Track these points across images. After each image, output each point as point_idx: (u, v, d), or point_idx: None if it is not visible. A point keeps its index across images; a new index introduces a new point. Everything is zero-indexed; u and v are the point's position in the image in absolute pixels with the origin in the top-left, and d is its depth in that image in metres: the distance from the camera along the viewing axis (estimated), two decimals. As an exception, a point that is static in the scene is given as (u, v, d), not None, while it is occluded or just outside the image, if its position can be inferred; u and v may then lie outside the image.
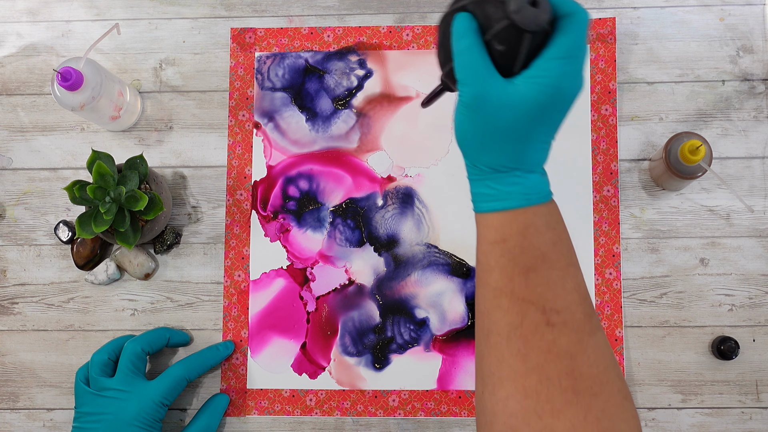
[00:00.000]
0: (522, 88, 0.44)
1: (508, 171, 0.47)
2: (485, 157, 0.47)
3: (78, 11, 0.81)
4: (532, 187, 0.47)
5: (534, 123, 0.45)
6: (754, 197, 0.74)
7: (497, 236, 0.47)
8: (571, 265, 0.47)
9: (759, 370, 0.72)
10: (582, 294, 0.46)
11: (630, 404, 0.45)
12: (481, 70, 0.44)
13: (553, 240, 0.47)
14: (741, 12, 0.77)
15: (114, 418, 0.67)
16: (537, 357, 0.44)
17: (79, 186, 0.69)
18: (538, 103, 0.44)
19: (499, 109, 0.44)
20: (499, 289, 0.46)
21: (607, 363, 0.45)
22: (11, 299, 0.78)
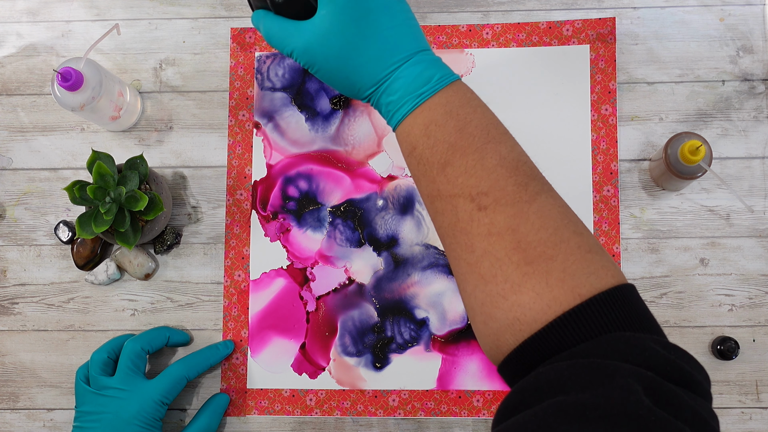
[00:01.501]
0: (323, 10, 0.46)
1: (386, 79, 0.47)
2: (359, 84, 0.48)
3: (78, 11, 0.81)
4: (416, 81, 0.47)
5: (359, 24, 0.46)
6: (754, 197, 0.74)
7: (408, 146, 0.48)
8: (489, 141, 0.46)
9: (759, 370, 0.72)
10: (510, 166, 0.45)
11: (596, 255, 0.43)
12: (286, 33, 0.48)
13: (458, 126, 0.46)
14: (741, 12, 0.77)
15: (114, 416, 0.67)
16: (481, 243, 0.44)
17: (79, 186, 0.69)
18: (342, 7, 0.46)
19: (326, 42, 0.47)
20: (430, 195, 0.47)
21: (557, 224, 0.44)
22: (11, 299, 0.78)
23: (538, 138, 0.76)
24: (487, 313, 0.44)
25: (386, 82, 0.48)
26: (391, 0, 0.47)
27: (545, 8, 0.78)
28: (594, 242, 0.44)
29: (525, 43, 0.77)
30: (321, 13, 0.47)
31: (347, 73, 0.48)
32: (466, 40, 0.78)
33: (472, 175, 0.45)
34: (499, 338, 0.43)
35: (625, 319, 0.41)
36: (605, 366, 0.37)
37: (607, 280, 0.42)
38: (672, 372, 0.38)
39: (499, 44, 0.77)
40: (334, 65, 0.48)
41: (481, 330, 0.45)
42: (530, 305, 0.42)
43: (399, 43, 0.47)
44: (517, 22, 0.78)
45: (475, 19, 0.78)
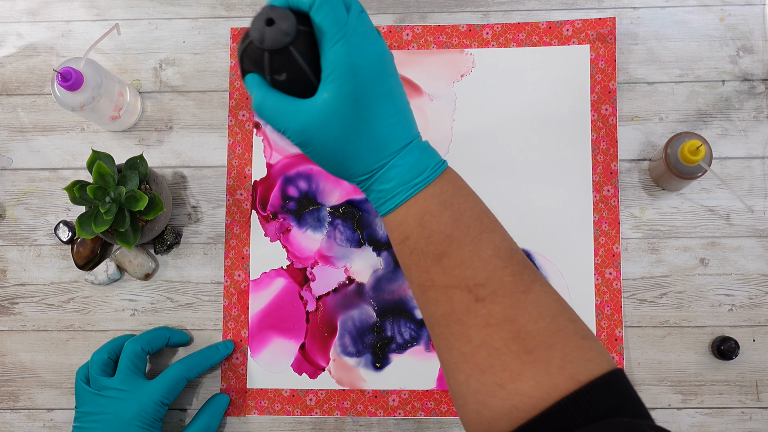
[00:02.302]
0: (326, 93, 0.44)
1: (381, 168, 0.46)
2: (352, 170, 0.47)
3: (78, 11, 0.81)
4: (411, 170, 0.46)
5: (361, 112, 0.45)
6: (754, 197, 0.74)
7: (400, 236, 0.47)
8: (484, 231, 0.46)
9: (759, 370, 0.72)
10: (504, 255, 0.45)
11: (591, 342, 0.44)
12: (283, 110, 0.45)
13: (454, 217, 0.46)
14: (741, 12, 0.77)
15: (114, 417, 0.67)
16: (478, 334, 0.44)
17: (79, 186, 0.69)
18: (347, 94, 0.44)
19: (325, 126, 0.44)
20: (422, 285, 0.46)
21: (553, 312, 0.44)
22: (11, 299, 0.78)
23: (538, 138, 0.76)
24: (481, 402, 0.44)
25: (381, 171, 0.47)
26: (394, 87, 0.46)
27: (545, 8, 0.78)
28: (586, 328, 0.45)
29: (525, 43, 0.77)
30: (324, 97, 0.44)
31: (342, 158, 0.46)
32: (466, 40, 0.78)
33: (468, 266, 0.45)
34: (492, 426, 0.43)
35: (620, 404, 0.42)
36: None
37: (603, 365, 0.43)
38: None
39: (499, 44, 0.77)
40: (330, 150, 0.46)
41: (471, 418, 0.45)
42: (530, 393, 0.42)
43: (397, 132, 0.46)
44: (517, 22, 0.78)
45: (475, 19, 0.78)
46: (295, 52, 0.44)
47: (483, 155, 0.76)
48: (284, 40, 0.43)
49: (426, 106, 0.77)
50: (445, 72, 0.77)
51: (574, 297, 0.73)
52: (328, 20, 0.43)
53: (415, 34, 0.78)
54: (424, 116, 0.77)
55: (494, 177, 0.76)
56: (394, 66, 0.47)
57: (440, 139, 0.77)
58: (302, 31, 0.44)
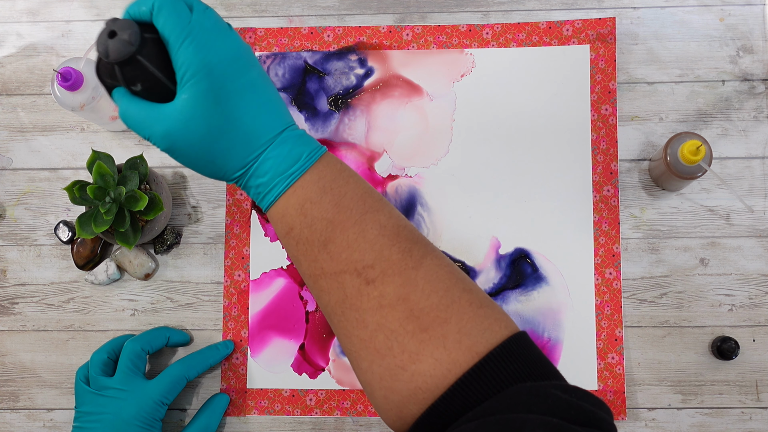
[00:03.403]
0: (184, 94, 0.44)
1: (253, 161, 0.46)
2: (224, 168, 0.46)
3: (78, 11, 0.81)
4: (285, 160, 0.46)
5: (223, 107, 0.44)
6: (754, 197, 0.74)
7: (284, 227, 0.46)
8: (367, 212, 0.45)
9: (759, 370, 0.72)
10: (390, 234, 0.45)
11: (487, 310, 0.43)
12: (145, 117, 0.45)
13: (334, 201, 0.45)
14: (741, 12, 0.77)
15: (114, 417, 0.67)
16: (373, 317, 0.43)
17: (79, 186, 0.69)
18: (204, 91, 0.43)
19: (188, 127, 0.44)
20: (313, 275, 0.46)
21: (446, 285, 0.43)
22: (11, 299, 0.78)
23: (538, 138, 0.76)
24: (387, 387, 0.43)
25: (254, 164, 0.46)
26: (255, 78, 0.46)
27: (545, 8, 0.78)
28: (483, 296, 0.44)
29: (525, 43, 0.77)
30: (182, 98, 0.44)
31: (212, 158, 0.46)
32: (466, 40, 0.78)
33: (355, 249, 0.44)
34: (401, 410, 0.43)
35: (523, 369, 0.41)
36: (513, 420, 0.37)
37: (500, 332, 0.42)
38: (576, 415, 0.38)
39: (499, 44, 0.77)
40: (197, 151, 0.45)
41: (381, 404, 0.44)
42: (431, 372, 0.41)
43: (265, 123, 0.46)
44: (517, 22, 0.78)
45: (475, 19, 0.78)
46: (144, 60, 0.44)
47: (483, 155, 0.76)
48: (128, 50, 0.43)
49: (426, 106, 0.77)
50: (445, 72, 0.77)
51: (574, 297, 0.73)
52: (170, 22, 0.43)
53: (415, 34, 0.78)
54: (424, 116, 0.77)
55: (494, 177, 0.76)
56: (253, 57, 0.46)
57: (440, 139, 0.77)
58: (148, 38, 0.44)
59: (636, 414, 0.72)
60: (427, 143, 0.77)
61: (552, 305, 0.74)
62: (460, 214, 0.75)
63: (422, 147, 0.77)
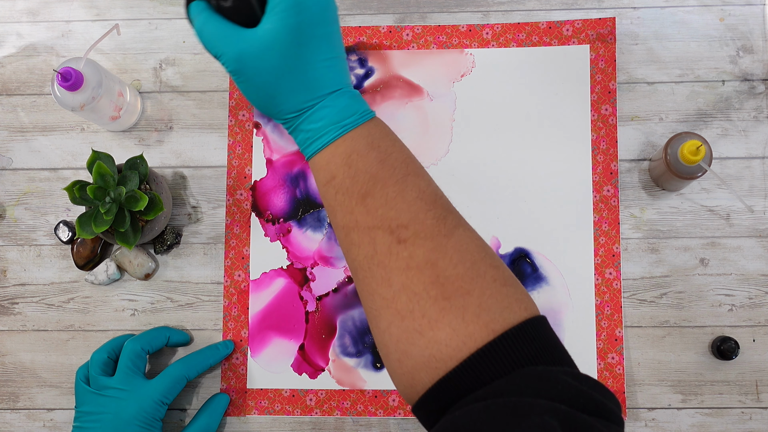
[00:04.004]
0: (268, 24, 0.44)
1: (311, 107, 0.47)
2: (282, 106, 0.47)
3: (78, 11, 0.81)
4: (341, 112, 0.47)
5: (300, 49, 0.45)
6: (754, 197, 0.74)
7: (327, 176, 0.47)
8: (409, 174, 0.46)
9: (759, 370, 0.72)
10: (428, 199, 0.45)
11: (510, 289, 0.43)
12: (223, 35, 0.45)
13: (380, 158, 0.46)
14: (741, 12, 0.77)
15: (114, 417, 0.67)
16: (399, 277, 0.43)
17: (79, 186, 0.69)
18: (290, 27, 0.44)
19: (262, 56, 0.45)
20: (346, 227, 0.46)
21: (474, 258, 0.44)
22: (11, 299, 0.78)
23: (538, 138, 0.76)
24: (403, 351, 0.43)
25: (310, 110, 0.47)
26: (334, 32, 0.47)
27: (545, 8, 0.78)
28: (509, 275, 0.45)
29: (525, 43, 0.77)
30: (266, 27, 0.45)
31: (274, 92, 0.47)
32: (466, 40, 0.78)
33: (392, 207, 0.45)
34: (414, 377, 0.43)
35: (537, 353, 0.41)
36: (520, 405, 0.37)
37: (520, 313, 0.42)
38: (585, 403, 0.38)
39: (499, 44, 0.77)
40: (263, 82, 0.46)
41: (395, 368, 0.44)
42: (446, 341, 0.41)
43: (331, 75, 0.47)
44: (517, 22, 0.78)
45: (475, 19, 0.78)
46: None
47: (483, 155, 0.76)
48: None
49: (426, 106, 0.77)
50: (445, 72, 0.77)
51: (574, 297, 0.73)
52: None
53: (415, 34, 0.78)
54: (424, 116, 0.77)
55: (494, 177, 0.76)
56: (337, 15, 0.47)
57: (440, 139, 0.77)
58: None
59: (636, 414, 0.72)
60: (427, 143, 0.77)
61: (552, 305, 0.74)
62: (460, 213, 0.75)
63: (422, 147, 0.77)
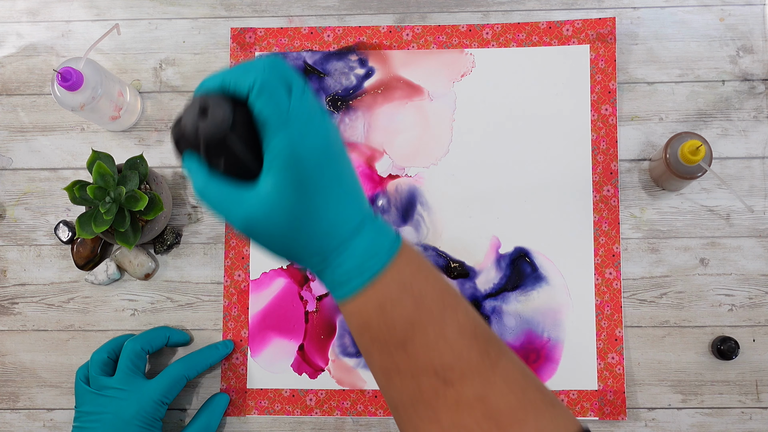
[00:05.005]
0: (269, 183, 0.41)
1: (332, 253, 0.43)
2: (302, 257, 0.44)
3: (78, 11, 0.81)
4: (366, 254, 0.43)
5: (309, 200, 0.41)
6: (754, 197, 0.74)
7: (360, 323, 0.44)
8: (446, 309, 0.44)
9: (759, 370, 0.72)
10: (469, 333, 0.43)
11: (558, 408, 0.43)
12: (226, 200, 0.42)
13: (415, 301, 0.43)
14: (741, 12, 0.77)
15: (114, 417, 0.67)
16: (448, 415, 0.42)
17: (79, 186, 0.69)
18: (291, 183, 0.40)
19: (270, 217, 0.41)
20: (386, 369, 0.44)
21: (521, 385, 0.43)
22: (11, 299, 0.78)
23: (538, 138, 0.76)
24: None
25: (333, 255, 0.43)
26: (342, 168, 0.43)
27: (545, 8, 0.78)
28: (552, 394, 0.44)
29: (525, 43, 0.77)
30: (267, 188, 0.41)
31: (291, 247, 0.43)
32: (466, 40, 0.78)
33: (434, 349, 0.43)
34: None
35: None
36: None
37: (571, 429, 0.43)
38: None
39: (499, 44, 0.77)
40: (276, 239, 0.42)
41: None
42: None
43: (347, 215, 0.43)
44: (517, 22, 0.78)
45: (475, 19, 0.78)
46: (233, 142, 0.40)
47: (483, 155, 0.76)
48: (220, 131, 0.40)
49: (426, 106, 0.77)
50: (445, 72, 0.77)
51: (574, 297, 0.73)
52: (269, 109, 0.40)
53: (415, 34, 0.78)
54: (424, 116, 0.77)
55: (494, 177, 0.76)
56: (341, 143, 0.43)
57: (440, 139, 0.77)
58: (240, 118, 0.41)
59: (636, 414, 0.72)
60: (427, 143, 0.77)
61: (552, 305, 0.74)
62: (460, 213, 0.75)
63: (422, 147, 0.77)
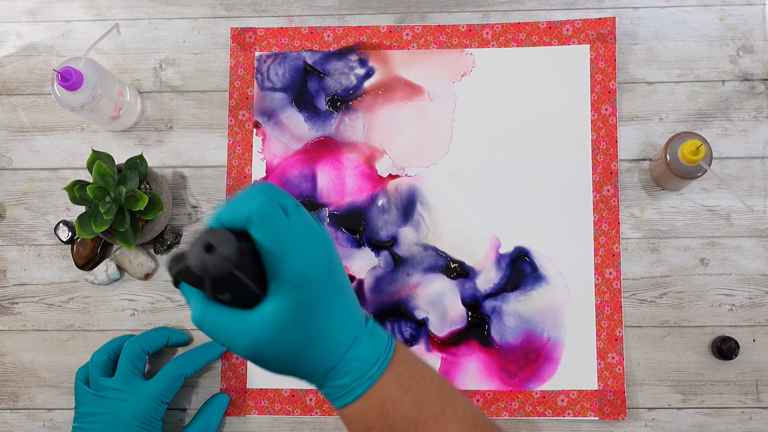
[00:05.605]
0: (275, 306, 0.41)
1: (334, 367, 0.44)
2: (305, 374, 0.45)
3: (78, 11, 0.81)
4: (365, 362, 0.44)
5: (313, 319, 0.42)
6: (754, 197, 0.74)
7: (362, 427, 0.45)
8: (446, 406, 0.45)
9: (759, 370, 0.72)
10: (470, 425, 0.44)
11: None
12: (228, 328, 0.42)
13: (415, 399, 0.44)
14: (741, 12, 0.77)
15: (114, 418, 0.67)
16: None
17: (79, 186, 0.69)
18: (298, 306, 0.41)
19: (274, 340, 0.42)
20: None
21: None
22: (11, 299, 0.78)
23: (539, 138, 0.76)
24: None
25: (335, 368, 0.44)
26: (342, 281, 0.44)
27: (545, 8, 0.78)
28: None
29: (525, 43, 0.77)
30: (272, 312, 0.41)
31: (293, 366, 0.44)
32: (466, 40, 0.78)
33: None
34: None
35: None
36: None
37: None
38: None
39: (499, 44, 0.77)
40: (281, 360, 0.43)
41: None
42: None
43: (347, 328, 0.44)
44: (517, 22, 0.78)
45: (475, 18, 0.78)
46: (240, 275, 0.40)
47: (483, 155, 0.76)
48: (227, 266, 0.39)
49: (426, 106, 0.77)
50: (445, 72, 0.77)
51: (574, 297, 0.73)
52: (269, 235, 0.41)
53: (415, 34, 0.78)
54: (424, 116, 0.77)
55: (494, 177, 0.76)
56: (337, 254, 0.44)
57: (440, 139, 0.77)
58: (245, 250, 0.41)
59: (636, 414, 0.72)
60: (427, 143, 0.77)
61: (552, 305, 0.74)
62: (460, 213, 0.75)
63: (422, 147, 0.77)
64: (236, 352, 0.43)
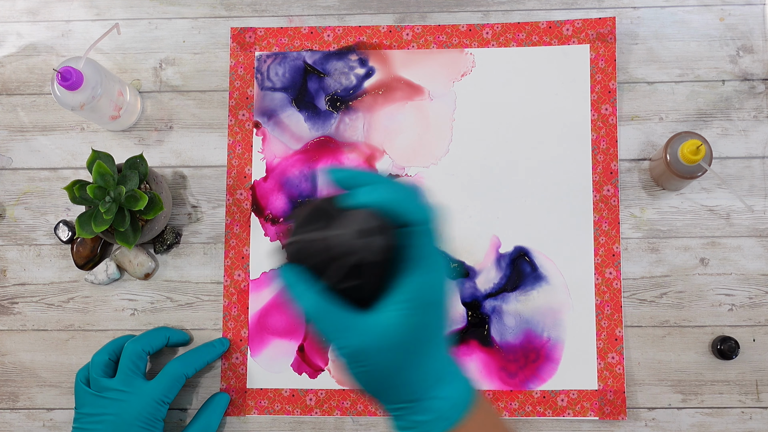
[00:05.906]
0: (393, 317, 0.39)
1: (417, 400, 0.42)
2: (393, 396, 0.43)
3: (78, 11, 0.81)
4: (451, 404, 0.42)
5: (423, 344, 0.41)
6: (754, 197, 0.74)
7: None
8: None
9: (759, 370, 0.72)
10: None
11: None
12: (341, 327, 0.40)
13: None
14: (741, 12, 0.77)
15: (115, 418, 0.67)
16: None
17: (79, 186, 0.69)
18: (416, 326, 0.40)
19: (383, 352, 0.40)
20: None
21: None
22: (11, 299, 0.78)
23: (539, 138, 0.76)
24: None
25: (421, 401, 0.42)
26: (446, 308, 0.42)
27: (545, 8, 0.78)
28: None
29: (525, 42, 0.77)
30: (390, 318, 0.39)
31: (388, 384, 0.42)
32: (466, 40, 0.78)
33: None
34: None
35: None
36: None
37: None
38: None
39: (499, 44, 0.77)
40: (379, 375, 0.41)
41: None
42: None
43: (445, 364, 0.42)
44: (517, 21, 0.78)
45: (475, 18, 0.78)
46: (375, 270, 0.38)
47: (483, 155, 0.76)
48: (379, 258, 0.36)
49: (426, 105, 0.77)
50: (445, 72, 0.77)
51: (574, 297, 0.73)
52: (425, 250, 0.39)
53: (415, 34, 0.78)
54: (425, 116, 0.77)
55: (494, 177, 0.76)
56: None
57: (440, 139, 0.77)
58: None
59: (636, 414, 0.72)
60: (427, 143, 0.77)
61: (552, 305, 0.74)
62: (460, 213, 0.75)
63: (422, 147, 0.77)
64: (339, 351, 0.41)
